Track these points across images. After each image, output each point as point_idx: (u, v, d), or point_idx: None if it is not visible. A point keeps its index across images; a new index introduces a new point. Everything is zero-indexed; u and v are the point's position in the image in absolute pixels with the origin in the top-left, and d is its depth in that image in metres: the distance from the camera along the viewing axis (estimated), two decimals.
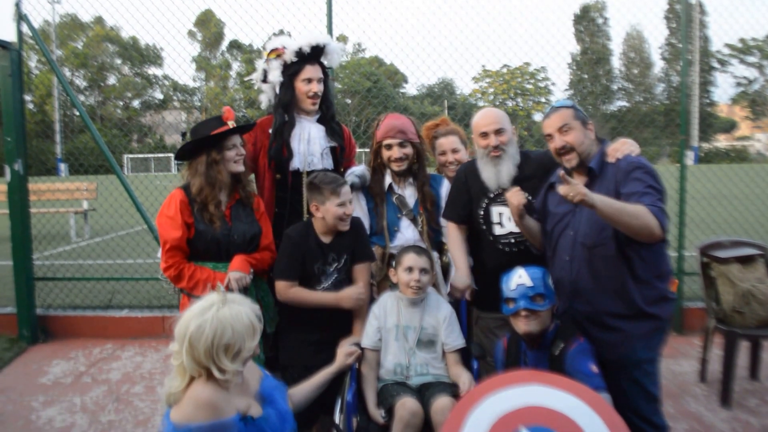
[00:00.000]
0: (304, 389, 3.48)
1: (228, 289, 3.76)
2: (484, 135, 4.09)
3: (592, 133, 3.63)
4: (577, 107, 3.65)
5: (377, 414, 3.65)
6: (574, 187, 3.13)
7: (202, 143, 3.93)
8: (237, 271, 3.88)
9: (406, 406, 3.49)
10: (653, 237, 3.25)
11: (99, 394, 5.89)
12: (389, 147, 4.42)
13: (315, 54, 4.62)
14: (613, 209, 3.18)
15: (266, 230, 4.19)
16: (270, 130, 4.61)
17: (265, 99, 4.74)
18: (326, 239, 4.07)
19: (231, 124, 3.96)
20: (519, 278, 3.47)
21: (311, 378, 3.57)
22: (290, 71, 4.57)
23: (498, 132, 4.06)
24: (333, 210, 3.94)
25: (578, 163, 3.59)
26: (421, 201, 4.48)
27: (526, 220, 3.79)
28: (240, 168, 4.02)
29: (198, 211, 3.91)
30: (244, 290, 3.90)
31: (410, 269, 3.87)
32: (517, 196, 3.71)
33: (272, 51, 4.59)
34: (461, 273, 4.19)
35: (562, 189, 3.18)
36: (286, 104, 4.60)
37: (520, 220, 3.79)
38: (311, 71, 4.56)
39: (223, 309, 2.69)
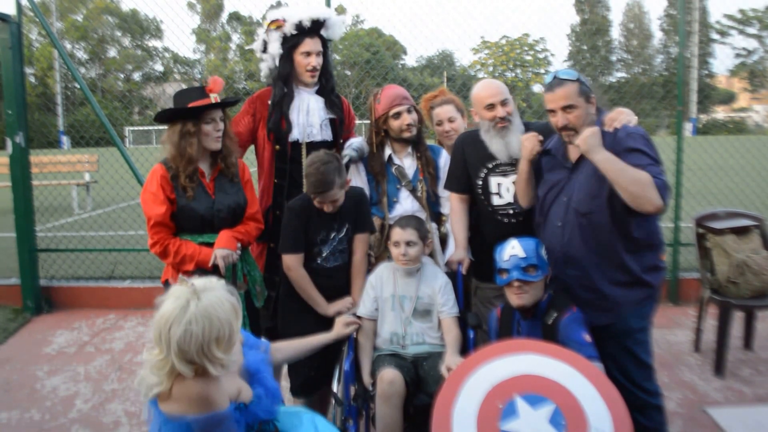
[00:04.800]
0: (288, 349, 3.48)
1: (214, 266, 3.76)
2: (491, 107, 4.04)
3: (594, 106, 3.58)
4: (581, 79, 3.54)
5: (370, 383, 3.73)
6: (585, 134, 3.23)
7: (178, 114, 3.82)
8: (223, 248, 3.82)
9: (384, 378, 3.55)
10: (652, 206, 3.21)
11: (102, 363, 5.97)
12: (398, 115, 4.36)
13: (315, 27, 4.59)
14: (614, 168, 3.23)
15: (251, 199, 4.12)
16: (269, 102, 4.62)
17: (265, 68, 4.70)
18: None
19: (214, 97, 3.85)
20: (512, 249, 3.49)
21: (302, 339, 3.59)
22: (289, 44, 4.54)
23: (504, 103, 4.03)
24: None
25: (576, 133, 3.55)
26: (423, 166, 4.47)
27: (531, 171, 3.81)
28: (216, 146, 3.91)
29: (174, 180, 3.82)
30: (232, 267, 3.90)
31: (397, 243, 3.92)
32: (531, 141, 3.71)
33: (272, 22, 4.54)
34: (458, 247, 4.25)
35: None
36: (285, 77, 4.57)
37: (527, 166, 3.79)
38: (310, 44, 4.53)
39: (201, 301, 2.49)
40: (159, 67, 64.10)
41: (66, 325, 7.10)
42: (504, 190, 4.13)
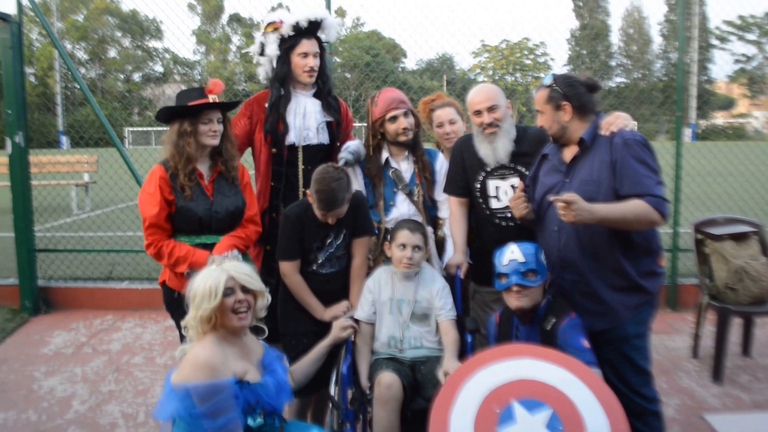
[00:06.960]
0: (303, 365, 3.55)
1: None
2: (478, 113, 4.09)
3: (567, 114, 3.58)
4: (554, 87, 3.59)
5: (368, 387, 3.72)
6: (571, 207, 3.18)
7: (175, 112, 3.84)
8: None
9: (382, 381, 3.55)
10: (652, 226, 3.33)
11: (99, 364, 5.97)
12: (394, 119, 4.35)
13: (312, 28, 4.59)
14: (615, 218, 3.26)
15: (250, 202, 4.11)
16: (266, 104, 4.62)
17: (263, 72, 4.70)
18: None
19: (213, 98, 3.85)
20: (511, 254, 3.48)
21: (309, 353, 3.63)
22: (287, 45, 4.54)
23: (491, 109, 4.05)
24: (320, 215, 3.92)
25: (553, 139, 3.68)
26: (420, 171, 4.46)
27: (528, 218, 3.83)
28: (212, 141, 3.90)
29: (173, 181, 3.82)
30: None
31: (403, 246, 3.89)
32: (518, 208, 3.75)
33: (270, 24, 4.54)
34: (457, 251, 4.24)
35: (560, 206, 3.25)
36: (282, 78, 4.57)
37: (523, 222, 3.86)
38: (307, 45, 4.53)
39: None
40: (159, 68, 64.16)
41: (63, 325, 7.09)
42: (502, 193, 4.13)
